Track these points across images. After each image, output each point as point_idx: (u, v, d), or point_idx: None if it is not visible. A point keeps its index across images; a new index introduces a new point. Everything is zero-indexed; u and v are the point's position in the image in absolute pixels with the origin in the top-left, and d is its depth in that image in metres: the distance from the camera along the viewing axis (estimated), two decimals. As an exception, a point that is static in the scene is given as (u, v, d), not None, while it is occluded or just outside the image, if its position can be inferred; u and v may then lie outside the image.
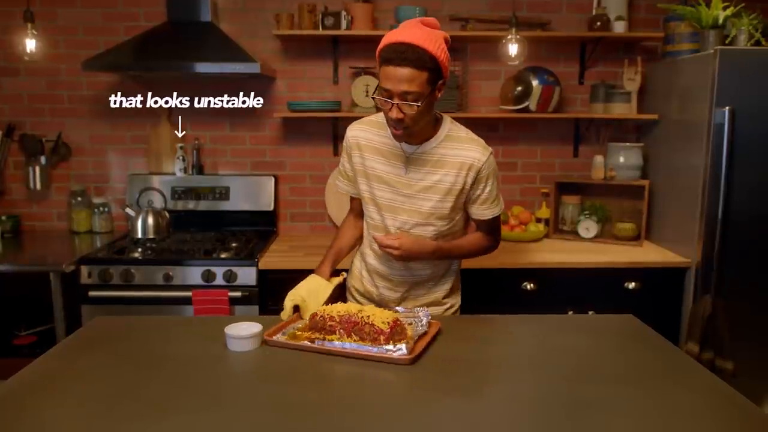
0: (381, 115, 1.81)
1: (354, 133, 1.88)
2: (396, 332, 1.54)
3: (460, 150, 1.77)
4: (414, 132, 1.70)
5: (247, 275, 2.67)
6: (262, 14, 3.20)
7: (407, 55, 1.55)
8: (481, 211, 1.84)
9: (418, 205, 1.80)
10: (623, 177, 3.06)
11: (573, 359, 1.56)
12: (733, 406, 1.32)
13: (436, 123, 1.80)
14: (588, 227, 3.11)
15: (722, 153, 2.57)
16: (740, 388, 1.42)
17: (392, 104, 1.61)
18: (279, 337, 1.64)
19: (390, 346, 1.50)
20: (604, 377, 1.46)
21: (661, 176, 3.04)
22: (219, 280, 2.67)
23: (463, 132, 1.81)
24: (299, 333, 1.64)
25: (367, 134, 1.85)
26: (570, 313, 2.70)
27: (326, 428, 1.22)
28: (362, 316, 1.55)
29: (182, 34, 2.94)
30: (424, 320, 1.68)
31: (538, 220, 3.20)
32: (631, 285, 2.75)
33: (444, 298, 1.98)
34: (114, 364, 1.51)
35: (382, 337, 1.51)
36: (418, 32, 1.58)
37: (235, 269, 2.67)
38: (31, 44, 2.62)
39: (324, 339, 1.58)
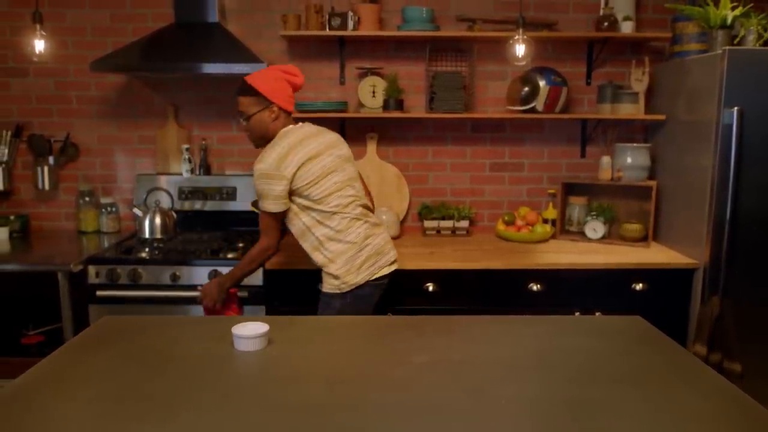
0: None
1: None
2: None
3: None
4: (253, 141, 2.34)
5: (253, 275, 2.67)
6: (269, 15, 3.21)
7: (239, 86, 2.26)
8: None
9: None
10: (630, 178, 3.05)
11: (579, 360, 1.56)
12: (740, 409, 1.31)
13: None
14: (595, 228, 3.10)
15: (730, 153, 2.56)
16: (748, 390, 1.41)
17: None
18: None
19: None
20: (610, 378, 1.45)
21: (668, 177, 3.03)
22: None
23: (269, 149, 2.22)
24: None
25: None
26: (577, 314, 2.69)
27: (332, 428, 1.22)
28: None
29: (189, 35, 2.95)
30: None
31: (545, 221, 3.20)
32: (639, 286, 2.74)
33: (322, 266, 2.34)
34: (121, 364, 1.52)
35: None
36: (255, 73, 2.24)
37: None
38: (39, 45, 2.63)
39: None
